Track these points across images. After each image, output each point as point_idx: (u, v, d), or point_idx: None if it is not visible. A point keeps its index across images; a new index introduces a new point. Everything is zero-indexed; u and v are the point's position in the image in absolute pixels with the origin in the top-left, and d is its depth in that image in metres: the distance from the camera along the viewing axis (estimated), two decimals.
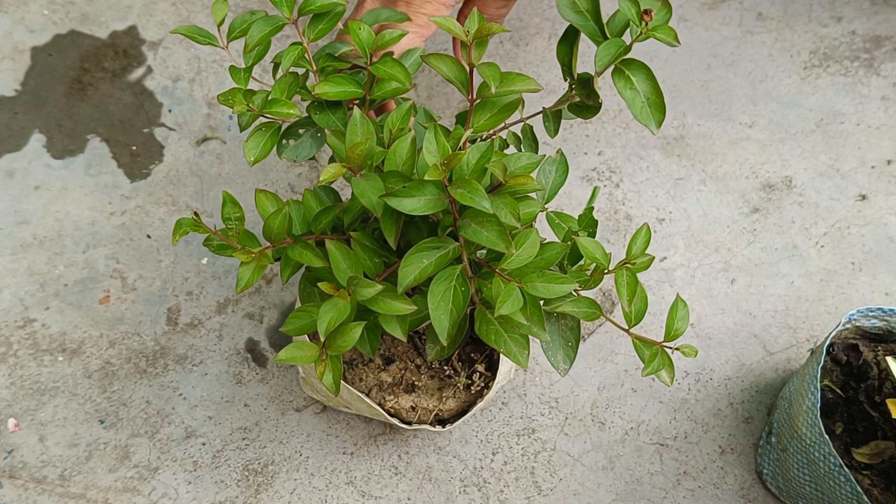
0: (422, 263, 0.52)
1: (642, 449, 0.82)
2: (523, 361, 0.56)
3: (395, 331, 0.55)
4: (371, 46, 0.58)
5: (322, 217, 0.56)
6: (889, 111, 0.96)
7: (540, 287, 0.53)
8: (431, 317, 0.53)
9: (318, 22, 0.60)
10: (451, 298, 0.53)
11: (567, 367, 0.61)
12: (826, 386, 0.74)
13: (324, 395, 0.77)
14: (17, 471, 0.78)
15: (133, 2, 0.97)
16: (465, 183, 0.49)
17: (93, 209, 0.88)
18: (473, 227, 0.50)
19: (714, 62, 0.99)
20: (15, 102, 0.92)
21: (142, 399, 0.81)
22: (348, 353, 0.71)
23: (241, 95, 0.58)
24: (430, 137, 0.51)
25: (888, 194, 0.93)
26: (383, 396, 0.72)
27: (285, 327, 0.56)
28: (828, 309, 0.88)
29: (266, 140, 0.59)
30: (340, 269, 0.53)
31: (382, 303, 0.53)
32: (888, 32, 1.00)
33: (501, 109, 0.58)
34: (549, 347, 0.61)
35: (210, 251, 0.58)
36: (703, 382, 0.85)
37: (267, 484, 0.79)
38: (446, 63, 0.57)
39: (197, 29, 0.60)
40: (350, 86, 0.59)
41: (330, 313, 0.52)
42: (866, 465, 0.71)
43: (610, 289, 0.88)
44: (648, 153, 0.94)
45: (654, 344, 0.58)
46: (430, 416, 0.72)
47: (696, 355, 0.58)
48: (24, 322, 0.83)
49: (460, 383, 0.73)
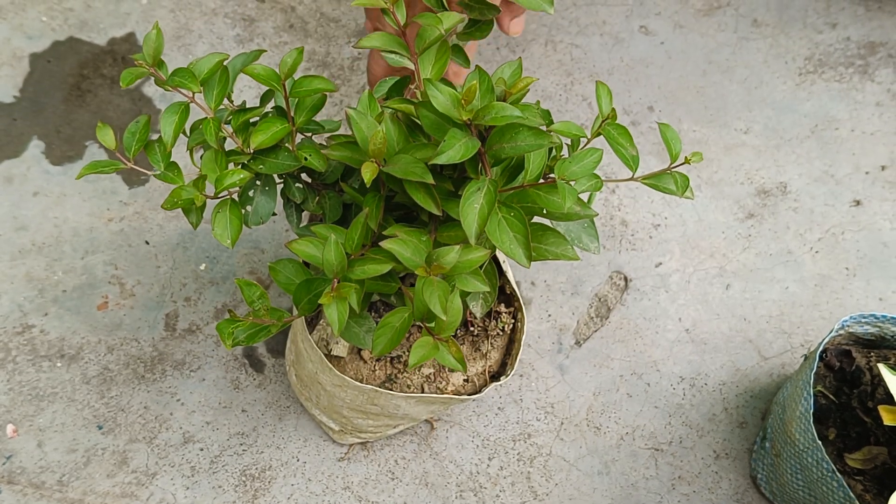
0: (475, 208, 0.53)
1: (637, 454, 0.83)
2: (573, 253, 0.60)
3: (475, 286, 0.56)
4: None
5: (352, 234, 0.56)
6: (883, 117, 0.97)
7: (577, 170, 0.56)
8: (504, 251, 0.54)
9: (211, 89, 0.60)
10: (509, 226, 0.55)
11: (596, 244, 0.64)
12: (819, 391, 0.75)
13: (369, 433, 0.78)
14: (15, 476, 0.78)
15: (131, 8, 0.98)
16: (488, 108, 0.52)
17: (91, 215, 0.89)
18: (507, 145, 0.53)
19: (709, 68, 0.99)
20: (14, 109, 0.92)
21: (140, 405, 0.82)
22: (387, 368, 0.72)
23: (189, 189, 0.57)
24: (435, 92, 0.53)
25: (882, 200, 0.93)
26: (437, 387, 0.72)
27: (376, 350, 0.57)
28: (822, 314, 0.89)
29: (230, 217, 0.59)
30: (407, 258, 0.54)
31: (461, 263, 0.54)
32: (882, 39, 1.01)
33: (438, 53, 0.60)
34: (574, 236, 0.64)
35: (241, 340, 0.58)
36: (698, 387, 0.86)
37: (264, 489, 0.79)
38: (377, 38, 0.59)
39: (99, 164, 0.59)
40: (278, 124, 0.59)
41: (436, 292, 0.53)
42: (859, 470, 0.71)
43: (606, 294, 0.89)
44: (644, 158, 0.94)
45: (664, 171, 0.60)
46: (485, 376, 0.73)
47: (702, 159, 0.59)
48: (22, 328, 0.84)
49: (496, 329, 0.73)
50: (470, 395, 0.72)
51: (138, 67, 0.57)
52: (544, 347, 0.86)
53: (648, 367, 0.86)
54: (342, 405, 0.73)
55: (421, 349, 0.56)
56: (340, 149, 0.58)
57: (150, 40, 0.57)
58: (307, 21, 0.99)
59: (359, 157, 0.58)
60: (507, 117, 0.51)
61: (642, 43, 1.01)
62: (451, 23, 0.57)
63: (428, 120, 0.55)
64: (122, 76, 0.56)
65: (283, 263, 0.59)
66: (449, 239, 0.58)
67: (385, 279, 0.59)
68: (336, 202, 0.64)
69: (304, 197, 0.64)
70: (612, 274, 0.90)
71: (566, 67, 0.99)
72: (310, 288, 0.57)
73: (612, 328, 0.88)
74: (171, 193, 0.57)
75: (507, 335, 0.73)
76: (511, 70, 0.60)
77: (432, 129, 0.55)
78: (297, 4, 1.00)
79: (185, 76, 0.57)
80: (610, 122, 0.58)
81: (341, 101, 0.96)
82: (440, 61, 0.59)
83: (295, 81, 0.60)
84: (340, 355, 0.70)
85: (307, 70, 0.97)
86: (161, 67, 0.58)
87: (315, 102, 0.61)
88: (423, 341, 0.56)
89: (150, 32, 0.57)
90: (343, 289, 0.55)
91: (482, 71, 0.55)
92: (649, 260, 0.90)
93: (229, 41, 0.97)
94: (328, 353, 0.70)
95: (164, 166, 0.60)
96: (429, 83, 0.53)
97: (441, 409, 0.75)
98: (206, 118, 0.59)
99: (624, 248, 0.91)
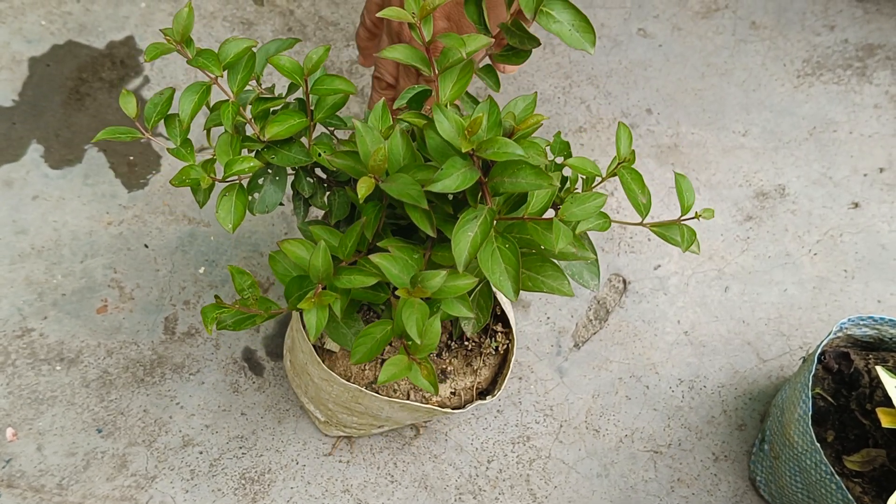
0: (468, 236, 0.53)
1: (636, 456, 0.83)
2: (568, 289, 0.59)
3: (460, 311, 0.56)
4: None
5: (346, 241, 0.56)
6: (881, 119, 0.97)
7: (577, 211, 0.56)
8: (493, 282, 0.54)
9: (235, 73, 0.60)
10: (501, 257, 0.55)
11: (596, 282, 0.64)
12: (818, 394, 0.75)
13: (353, 428, 0.78)
14: (15, 480, 0.78)
15: (130, 12, 0.98)
16: (491, 142, 0.52)
17: (90, 219, 0.89)
18: (507, 180, 0.53)
19: (708, 71, 1.00)
20: (13, 113, 0.93)
21: (139, 408, 0.82)
22: (376, 369, 0.72)
23: (198, 169, 0.57)
24: (441, 118, 0.53)
25: (881, 202, 0.94)
26: (423, 396, 0.72)
27: (354, 359, 0.57)
28: (821, 316, 0.89)
29: (236, 202, 0.59)
30: (394, 275, 0.54)
31: (446, 287, 0.54)
32: (880, 41, 1.01)
33: (460, 74, 0.60)
34: (576, 270, 0.64)
35: (226, 326, 0.58)
36: (697, 390, 0.86)
37: (263, 492, 0.79)
38: (400, 51, 0.58)
39: (117, 130, 0.59)
40: (296, 118, 0.60)
41: (414, 315, 0.53)
42: (857, 472, 0.71)
43: (605, 297, 0.89)
44: (642, 161, 0.94)
45: (674, 222, 0.60)
46: (472, 392, 0.73)
47: (713, 216, 0.59)
48: (22, 331, 0.84)
49: (490, 348, 0.73)
50: (454, 408, 0.72)
51: (165, 43, 0.57)
52: (543, 350, 0.87)
53: (647, 370, 0.86)
54: (328, 398, 0.73)
55: (393, 367, 0.56)
56: (344, 157, 0.58)
57: (181, 17, 0.57)
58: (306, 24, 1.00)
59: (359, 168, 0.58)
60: (508, 154, 0.51)
61: (641, 46, 1.01)
62: (476, 46, 0.56)
63: (434, 142, 0.55)
64: (147, 50, 0.56)
65: (283, 255, 0.59)
66: (443, 259, 0.58)
67: (374, 289, 0.59)
68: (344, 200, 0.64)
69: (314, 192, 0.64)
70: (611, 276, 0.90)
71: (564, 70, 0.99)
72: (301, 285, 0.57)
73: (611, 331, 0.88)
74: (180, 171, 0.57)
75: (501, 355, 0.74)
76: (524, 104, 0.60)
77: (436, 152, 0.55)
78: (295, 8, 1.00)
79: (210, 58, 0.57)
80: (626, 165, 0.58)
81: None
82: (461, 82, 0.59)
83: (317, 79, 0.60)
84: (333, 350, 0.71)
85: None
86: (189, 45, 0.58)
87: (336, 101, 0.61)
88: (396, 360, 0.56)
89: (181, 10, 0.57)
90: (324, 297, 0.55)
91: (493, 102, 0.55)
92: (648, 263, 0.90)
93: None
94: (321, 345, 0.71)
95: (180, 142, 0.60)
96: (437, 108, 0.53)
97: (424, 417, 0.75)
98: (226, 101, 0.59)
99: (622, 250, 0.91)
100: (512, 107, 0.60)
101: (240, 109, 0.59)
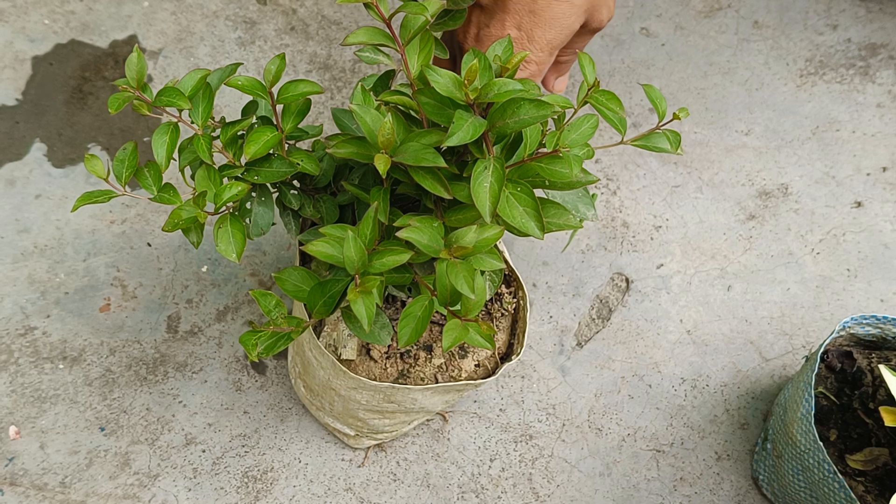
0: (485, 187, 0.54)
1: (639, 455, 0.83)
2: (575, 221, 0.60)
3: (492, 264, 0.57)
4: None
5: (364, 229, 0.56)
6: (884, 118, 0.97)
7: (576, 137, 0.57)
8: (517, 225, 0.55)
9: (197, 105, 0.60)
10: (518, 201, 0.55)
11: (594, 212, 0.65)
12: (820, 393, 0.75)
13: (385, 432, 0.78)
14: (18, 478, 0.79)
15: (133, 11, 0.98)
16: (490, 86, 0.52)
17: (93, 217, 0.89)
18: (509, 120, 0.53)
19: (710, 70, 0.99)
20: (16, 111, 0.93)
21: (142, 406, 0.82)
22: (398, 364, 0.72)
23: (189, 207, 0.57)
24: (436, 76, 0.53)
25: (883, 201, 0.93)
26: (451, 376, 0.72)
27: (402, 342, 0.56)
28: (823, 315, 0.89)
29: (233, 231, 0.59)
30: (425, 245, 0.55)
31: (480, 241, 0.55)
32: (883, 40, 1.01)
33: (422, 43, 0.61)
34: (572, 206, 0.65)
35: (260, 351, 0.58)
36: (700, 389, 0.86)
37: (266, 490, 0.79)
38: (363, 32, 0.60)
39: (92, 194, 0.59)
40: (269, 132, 0.60)
41: (461, 273, 0.53)
42: (860, 471, 0.71)
43: (608, 296, 0.89)
44: (645, 161, 0.94)
45: (653, 131, 0.61)
46: (495, 358, 0.73)
47: (689, 114, 0.60)
48: (25, 330, 0.84)
49: (500, 311, 0.73)
50: (483, 378, 0.72)
51: (123, 92, 0.57)
52: (546, 349, 0.87)
53: (650, 369, 0.86)
54: (358, 408, 0.73)
55: (452, 332, 0.56)
56: (346, 146, 0.58)
57: (131, 64, 0.57)
58: (308, 23, 1.00)
59: (366, 150, 0.58)
60: (509, 92, 0.52)
61: (643, 45, 1.01)
62: (435, 8, 0.58)
63: (429, 106, 0.55)
64: (109, 102, 0.56)
65: (288, 272, 0.59)
66: (458, 222, 0.58)
67: (400, 271, 0.59)
68: (331, 205, 0.65)
69: (301, 203, 0.64)
70: (614, 275, 0.90)
71: None
72: (324, 290, 0.56)
73: (614, 330, 0.88)
74: (171, 215, 0.56)
75: (511, 315, 0.74)
76: (503, 47, 0.61)
77: (434, 114, 0.55)
78: (298, 7, 1.00)
79: (173, 95, 0.57)
80: (595, 89, 0.59)
81: (330, 104, 0.96)
82: (424, 50, 0.60)
83: (280, 88, 0.60)
84: (350, 358, 0.70)
85: (308, 73, 0.97)
86: (145, 90, 0.58)
87: (301, 107, 0.61)
88: (451, 324, 0.56)
89: (130, 56, 0.56)
90: (368, 282, 0.54)
91: (477, 51, 0.56)
92: (650, 261, 0.90)
93: (231, 44, 0.98)
94: (338, 357, 0.70)
95: (157, 189, 0.60)
96: (428, 68, 0.54)
97: (456, 398, 0.75)
98: (196, 135, 0.59)
99: (625, 249, 0.91)
100: (493, 50, 0.61)
101: (211, 140, 0.59)
